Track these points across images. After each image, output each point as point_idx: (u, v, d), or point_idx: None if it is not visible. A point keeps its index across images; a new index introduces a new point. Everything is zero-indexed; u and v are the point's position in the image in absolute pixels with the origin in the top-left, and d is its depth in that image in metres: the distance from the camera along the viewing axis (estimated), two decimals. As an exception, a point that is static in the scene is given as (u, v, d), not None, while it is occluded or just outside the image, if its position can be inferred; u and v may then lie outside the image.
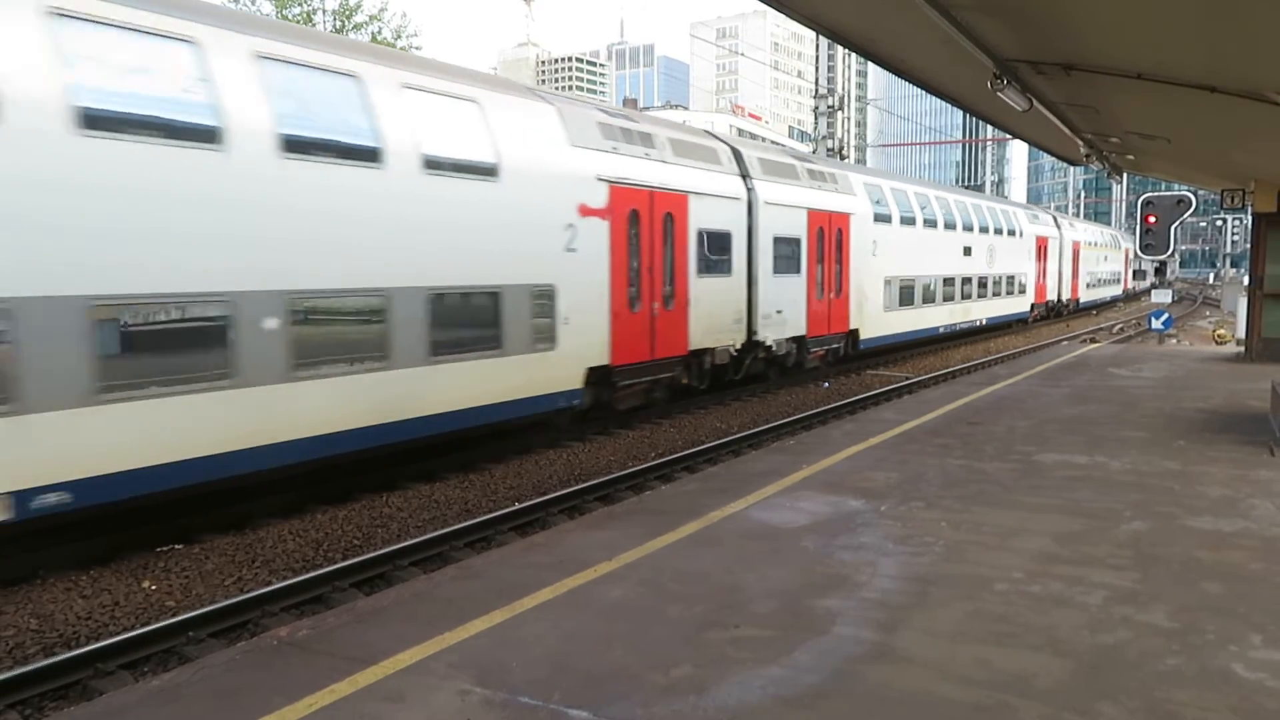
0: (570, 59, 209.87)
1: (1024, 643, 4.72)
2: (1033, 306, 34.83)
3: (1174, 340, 26.96)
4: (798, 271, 18.21)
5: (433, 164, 10.35)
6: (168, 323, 8.14)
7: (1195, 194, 24.60)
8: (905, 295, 23.46)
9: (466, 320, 10.97)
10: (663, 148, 14.61)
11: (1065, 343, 26.53)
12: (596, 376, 12.95)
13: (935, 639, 4.78)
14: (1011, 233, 32.01)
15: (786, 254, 17.78)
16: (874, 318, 21.55)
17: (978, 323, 29.10)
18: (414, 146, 10.17)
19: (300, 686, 4.34)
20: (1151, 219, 19.26)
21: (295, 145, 8.96)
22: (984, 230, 28.93)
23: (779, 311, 17.63)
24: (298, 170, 8.98)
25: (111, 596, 7.36)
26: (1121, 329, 34.39)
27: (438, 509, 9.91)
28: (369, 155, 9.70)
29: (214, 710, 4.20)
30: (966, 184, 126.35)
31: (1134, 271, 63.27)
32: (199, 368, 8.24)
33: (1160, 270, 34.75)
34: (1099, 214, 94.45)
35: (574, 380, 12.51)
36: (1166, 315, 23.97)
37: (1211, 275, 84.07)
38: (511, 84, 13.53)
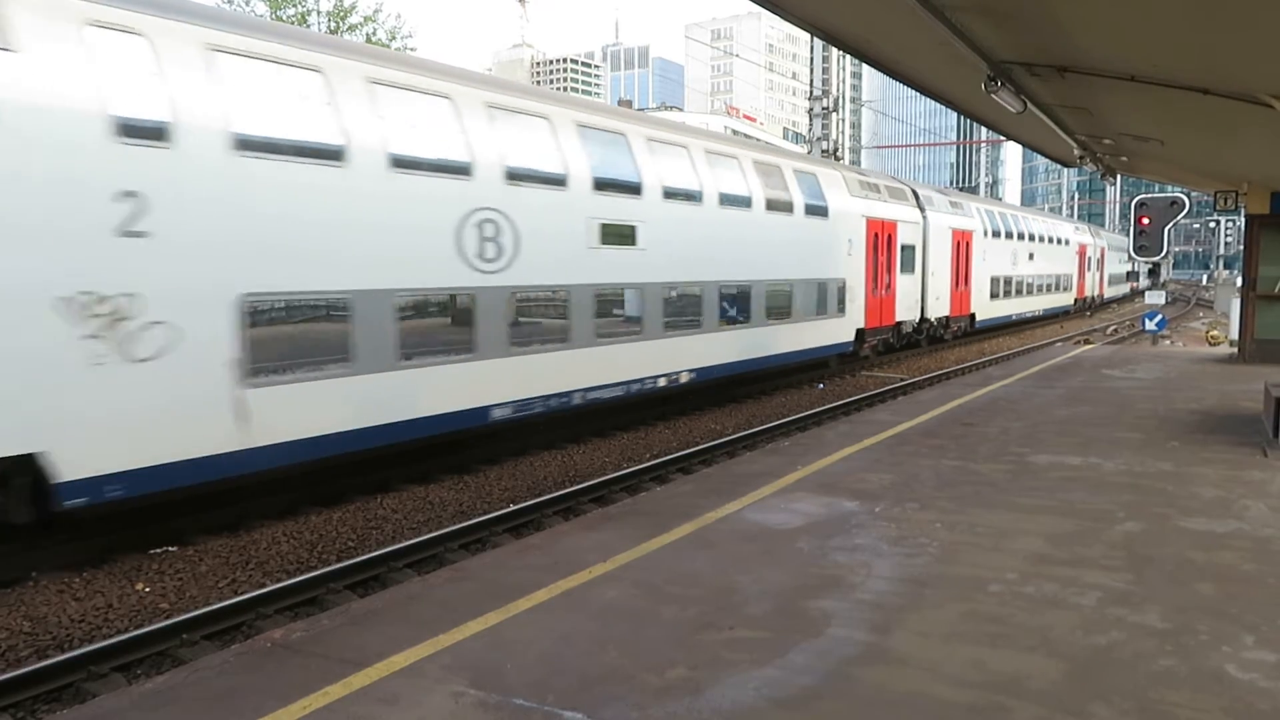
0: (565, 60, 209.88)
1: (1018, 644, 4.73)
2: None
3: (1168, 341, 27.07)
4: (1090, 270, 46.92)
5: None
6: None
7: (1189, 195, 24.63)
8: (1114, 280, 56.23)
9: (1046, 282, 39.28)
10: (1104, 236, 54.02)
11: (1059, 344, 26.60)
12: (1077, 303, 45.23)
13: (929, 640, 4.79)
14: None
15: (1096, 262, 48.13)
16: (1106, 289, 53.16)
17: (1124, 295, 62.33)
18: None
19: (294, 689, 4.33)
20: (1145, 220, 19.34)
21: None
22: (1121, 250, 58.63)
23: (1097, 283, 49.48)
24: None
25: (105, 599, 7.34)
26: (1115, 330, 34.53)
27: (432, 510, 9.90)
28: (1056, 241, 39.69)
29: (207, 713, 4.19)
30: (961, 186, 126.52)
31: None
32: None
33: (1154, 271, 34.97)
34: (1093, 215, 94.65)
35: (1068, 301, 43.33)
36: (1160, 317, 24.09)
37: (1205, 277, 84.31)
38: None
